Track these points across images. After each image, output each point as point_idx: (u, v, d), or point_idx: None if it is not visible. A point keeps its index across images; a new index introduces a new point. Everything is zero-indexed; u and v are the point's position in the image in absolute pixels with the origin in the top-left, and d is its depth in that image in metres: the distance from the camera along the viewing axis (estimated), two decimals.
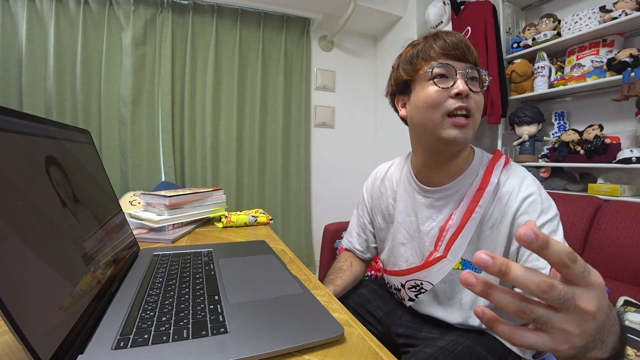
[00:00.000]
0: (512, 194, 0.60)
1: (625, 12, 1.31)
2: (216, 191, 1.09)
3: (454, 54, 0.58)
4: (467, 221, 0.62)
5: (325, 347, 0.37)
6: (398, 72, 0.66)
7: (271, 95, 2.33)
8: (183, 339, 0.36)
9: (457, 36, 0.59)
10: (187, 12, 2.06)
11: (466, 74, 0.58)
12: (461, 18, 1.92)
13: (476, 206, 0.61)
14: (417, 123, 0.63)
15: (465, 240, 0.62)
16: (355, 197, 0.90)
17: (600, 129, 1.42)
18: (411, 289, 0.73)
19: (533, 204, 0.58)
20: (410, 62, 0.63)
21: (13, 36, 1.75)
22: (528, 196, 0.59)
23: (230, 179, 2.20)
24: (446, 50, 0.58)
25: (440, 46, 0.59)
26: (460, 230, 0.62)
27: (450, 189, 0.66)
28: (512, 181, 0.61)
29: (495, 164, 0.64)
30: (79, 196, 0.46)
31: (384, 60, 2.57)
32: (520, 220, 0.59)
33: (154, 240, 0.83)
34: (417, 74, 0.61)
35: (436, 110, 0.58)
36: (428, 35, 0.63)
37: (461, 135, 0.58)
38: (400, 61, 0.66)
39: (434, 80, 0.58)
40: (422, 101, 0.60)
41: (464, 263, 0.64)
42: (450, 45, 0.58)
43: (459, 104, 0.56)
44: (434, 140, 0.61)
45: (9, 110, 0.33)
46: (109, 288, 0.45)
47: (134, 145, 1.97)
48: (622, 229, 0.94)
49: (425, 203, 0.69)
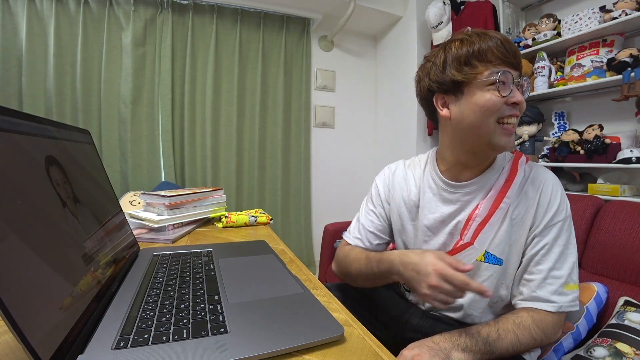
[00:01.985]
0: (538, 189, 0.63)
1: (625, 12, 1.31)
2: (216, 191, 1.09)
3: (512, 62, 0.58)
4: (495, 210, 0.63)
5: (325, 347, 0.37)
6: (446, 71, 0.62)
7: (271, 95, 2.33)
8: (183, 339, 0.35)
9: (510, 41, 0.59)
10: (187, 12, 2.06)
11: (519, 82, 0.59)
12: (461, 18, 1.92)
13: (504, 196, 0.63)
14: (469, 126, 0.62)
15: (493, 229, 0.63)
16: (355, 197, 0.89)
17: (600, 129, 1.42)
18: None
19: (552, 203, 0.62)
20: (466, 62, 0.60)
21: (13, 36, 1.75)
22: (550, 194, 0.62)
23: (230, 179, 2.20)
24: (506, 57, 0.58)
25: (500, 51, 0.57)
26: (488, 219, 0.64)
27: (477, 182, 0.67)
28: (539, 177, 0.64)
29: (519, 160, 0.67)
30: (79, 196, 0.46)
31: (384, 60, 2.57)
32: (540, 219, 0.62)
33: (154, 240, 0.83)
34: (474, 77, 0.59)
35: (492, 116, 0.59)
36: (477, 33, 0.60)
37: (510, 141, 0.60)
38: (449, 58, 0.62)
39: (497, 87, 0.57)
40: (480, 105, 0.59)
41: (487, 255, 0.65)
42: (510, 53, 0.58)
43: (513, 112, 0.58)
44: (483, 144, 0.62)
45: (9, 110, 0.33)
46: (109, 288, 0.45)
47: (134, 145, 1.97)
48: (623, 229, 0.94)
49: (452, 199, 0.69)
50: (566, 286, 0.59)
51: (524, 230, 0.63)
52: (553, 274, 0.59)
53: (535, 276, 0.61)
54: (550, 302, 0.59)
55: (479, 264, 0.65)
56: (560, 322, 0.59)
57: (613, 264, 0.95)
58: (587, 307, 0.85)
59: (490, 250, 0.64)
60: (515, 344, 0.55)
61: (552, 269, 0.60)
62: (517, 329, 0.56)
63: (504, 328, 0.56)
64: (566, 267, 0.60)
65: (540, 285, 0.60)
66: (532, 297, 0.61)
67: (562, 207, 0.62)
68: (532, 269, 0.62)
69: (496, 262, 0.65)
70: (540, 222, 0.62)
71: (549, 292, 0.59)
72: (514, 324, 0.57)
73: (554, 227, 0.61)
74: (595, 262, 0.99)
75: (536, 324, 0.58)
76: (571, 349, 0.78)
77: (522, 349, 0.56)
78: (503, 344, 0.55)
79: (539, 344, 0.58)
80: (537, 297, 0.60)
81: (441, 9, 1.92)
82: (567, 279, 0.59)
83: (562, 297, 0.59)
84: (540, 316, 0.58)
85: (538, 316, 0.58)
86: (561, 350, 0.78)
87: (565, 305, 0.58)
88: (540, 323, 0.58)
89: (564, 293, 0.59)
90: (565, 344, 0.79)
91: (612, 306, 0.86)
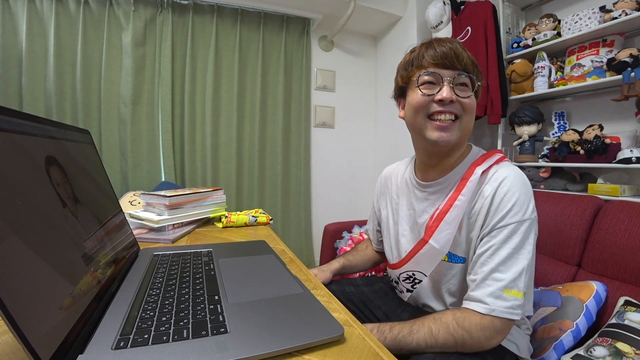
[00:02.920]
0: (494, 188, 0.61)
1: (625, 12, 1.31)
2: (216, 191, 1.09)
3: (442, 63, 0.62)
4: (449, 208, 0.64)
5: (325, 347, 0.37)
6: (397, 78, 0.72)
7: (271, 95, 2.33)
8: (183, 339, 0.36)
9: (449, 45, 0.63)
10: (187, 12, 2.06)
11: (452, 80, 0.62)
12: (461, 18, 1.92)
13: (459, 194, 0.63)
14: (409, 124, 0.70)
15: (450, 227, 0.63)
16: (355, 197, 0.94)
17: (600, 129, 1.42)
18: (405, 281, 0.76)
19: (504, 203, 0.59)
20: (405, 68, 0.68)
21: (13, 36, 1.75)
22: (505, 194, 0.59)
23: (230, 179, 2.20)
24: (435, 59, 0.63)
25: (430, 55, 0.63)
26: (442, 216, 0.64)
27: (442, 182, 0.69)
28: (497, 176, 0.62)
29: (485, 159, 0.66)
30: (79, 196, 0.46)
31: (384, 60, 2.57)
32: (490, 219, 0.60)
33: (154, 240, 0.83)
34: (410, 81, 0.67)
35: (420, 113, 0.65)
36: (424, 43, 0.67)
37: (444, 135, 0.62)
38: (399, 67, 0.71)
39: (419, 87, 0.64)
40: (411, 104, 0.66)
41: (449, 255, 0.66)
42: (439, 54, 0.62)
43: (439, 108, 0.62)
44: (422, 139, 0.67)
45: (9, 110, 0.33)
46: (109, 288, 0.45)
47: (134, 145, 1.97)
48: (623, 229, 0.94)
49: (421, 197, 0.73)
50: (507, 291, 0.55)
51: (477, 228, 0.62)
52: (494, 276, 0.57)
53: (476, 277, 0.59)
54: (481, 303, 0.56)
55: (444, 264, 0.67)
56: (495, 328, 0.55)
57: (613, 264, 0.95)
58: (587, 305, 0.85)
59: (452, 250, 0.65)
60: (429, 338, 0.56)
61: (494, 271, 0.57)
62: (433, 324, 0.58)
63: (421, 323, 0.59)
64: (512, 272, 0.56)
65: (478, 286, 0.58)
66: (467, 296, 0.60)
67: (517, 209, 0.58)
68: (476, 270, 0.60)
69: (459, 261, 0.66)
70: (490, 221, 0.59)
71: (484, 293, 0.56)
72: (432, 319, 0.59)
73: (504, 229, 0.58)
74: (595, 262, 0.99)
75: (457, 321, 0.56)
76: (571, 347, 0.78)
77: (439, 345, 0.56)
78: (414, 338, 0.57)
79: (462, 344, 0.55)
80: (470, 296, 0.59)
81: (441, 9, 1.92)
82: (511, 283, 0.55)
83: (497, 301, 0.55)
84: (465, 314, 0.57)
85: (462, 314, 0.57)
86: (561, 348, 0.78)
87: (500, 310, 0.54)
88: (463, 321, 0.56)
89: (502, 297, 0.55)
90: (565, 342, 0.79)
91: (612, 306, 0.86)
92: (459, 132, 0.63)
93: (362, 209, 2.61)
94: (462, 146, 0.69)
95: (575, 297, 0.88)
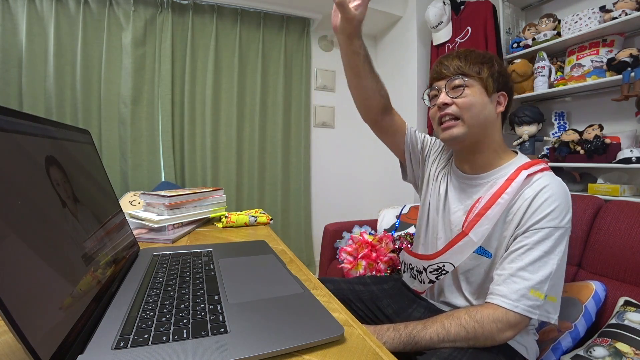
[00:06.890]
0: (536, 192, 0.63)
1: (625, 12, 1.31)
2: (216, 191, 1.09)
3: (437, 76, 0.72)
4: (492, 204, 0.65)
5: (325, 347, 0.37)
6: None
7: (271, 95, 2.33)
8: (183, 339, 0.35)
9: (443, 60, 0.72)
10: (187, 12, 2.06)
11: (446, 86, 0.69)
12: (461, 18, 1.92)
13: (503, 192, 0.64)
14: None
15: (489, 223, 0.64)
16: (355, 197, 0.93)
17: (600, 129, 1.42)
18: (433, 272, 0.75)
19: (544, 207, 0.60)
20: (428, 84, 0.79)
21: (13, 36, 1.75)
22: (546, 199, 0.61)
23: (230, 179, 2.20)
24: (433, 76, 0.74)
25: (431, 74, 0.76)
26: (484, 212, 0.65)
27: (483, 178, 0.72)
28: (541, 182, 0.64)
29: (532, 165, 0.67)
30: (79, 196, 0.46)
31: (384, 60, 2.57)
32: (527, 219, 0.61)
33: (154, 240, 0.83)
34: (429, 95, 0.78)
35: (435, 122, 0.74)
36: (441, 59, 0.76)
37: (452, 133, 0.69)
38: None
39: (424, 100, 0.79)
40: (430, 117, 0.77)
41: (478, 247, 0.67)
42: (435, 72, 0.73)
43: (440, 113, 0.71)
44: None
45: (9, 110, 0.33)
46: (109, 288, 0.45)
47: (134, 145, 1.97)
48: (623, 229, 0.94)
49: (457, 186, 0.76)
50: (533, 291, 0.56)
51: (512, 227, 0.63)
52: (522, 274, 0.57)
53: (504, 272, 0.59)
54: (505, 298, 0.56)
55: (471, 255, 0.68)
56: (508, 321, 0.56)
57: (613, 264, 0.95)
58: (586, 306, 0.85)
59: (482, 244, 0.66)
60: (441, 331, 0.57)
61: (522, 269, 0.57)
62: (446, 319, 0.59)
63: (434, 319, 0.60)
64: (540, 274, 0.56)
65: (504, 281, 0.58)
66: (492, 290, 0.60)
67: (554, 215, 0.60)
68: (504, 265, 0.60)
69: (484, 253, 0.67)
70: (527, 221, 0.61)
71: (511, 290, 0.57)
72: (445, 316, 0.60)
73: (539, 231, 0.59)
74: (595, 262, 0.99)
75: (469, 315, 0.57)
76: (570, 348, 0.78)
77: (451, 337, 0.57)
78: (427, 332, 0.58)
79: (473, 336, 0.56)
80: (495, 290, 0.59)
81: (441, 9, 1.92)
82: (537, 285, 0.56)
83: (522, 299, 0.55)
84: (478, 308, 0.58)
85: (475, 309, 0.58)
86: (560, 349, 0.78)
87: (522, 308, 0.55)
88: (476, 314, 0.57)
89: (527, 296, 0.55)
90: (564, 343, 0.78)
91: (612, 306, 0.86)
92: (464, 128, 0.68)
93: (362, 209, 2.61)
94: (488, 141, 0.71)
95: (574, 297, 0.88)
